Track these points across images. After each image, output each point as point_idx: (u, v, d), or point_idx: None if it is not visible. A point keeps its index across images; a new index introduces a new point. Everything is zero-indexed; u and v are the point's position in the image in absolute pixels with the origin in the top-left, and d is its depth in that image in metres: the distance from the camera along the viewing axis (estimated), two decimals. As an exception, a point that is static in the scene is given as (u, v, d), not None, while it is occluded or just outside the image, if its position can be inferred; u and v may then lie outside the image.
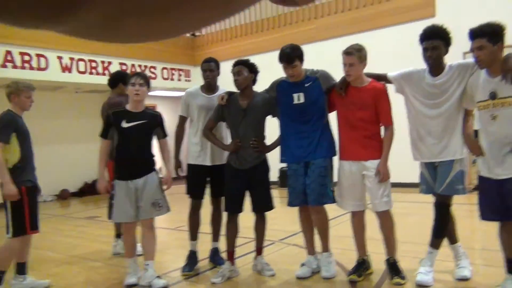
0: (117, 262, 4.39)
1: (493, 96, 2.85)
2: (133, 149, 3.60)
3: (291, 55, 3.42)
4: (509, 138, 2.81)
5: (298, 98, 3.50)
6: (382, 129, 3.44)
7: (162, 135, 3.77)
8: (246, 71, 3.61)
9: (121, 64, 9.44)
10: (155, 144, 3.75)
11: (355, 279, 3.37)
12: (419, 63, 3.25)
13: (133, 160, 3.60)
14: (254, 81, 3.70)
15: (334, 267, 3.63)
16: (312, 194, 3.52)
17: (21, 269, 3.64)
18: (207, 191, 4.03)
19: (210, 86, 4.00)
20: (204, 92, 3.99)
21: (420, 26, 3.26)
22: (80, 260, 4.54)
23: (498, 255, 3.10)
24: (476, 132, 3.14)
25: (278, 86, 3.64)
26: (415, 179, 3.52)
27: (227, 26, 10.67)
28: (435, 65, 3.11)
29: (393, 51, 7.31)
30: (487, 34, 2.76)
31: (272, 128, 3.87)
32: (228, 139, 3.89)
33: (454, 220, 3.38)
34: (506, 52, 2.87)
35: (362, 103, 3.33)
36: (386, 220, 3.41)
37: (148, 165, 3.66)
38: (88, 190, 10.06)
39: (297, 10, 9.40)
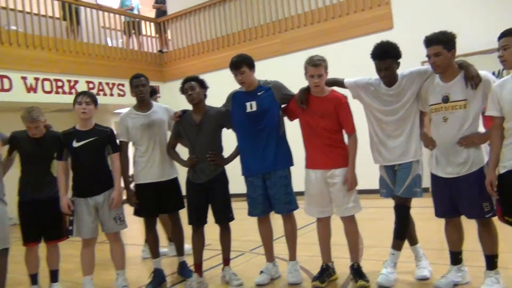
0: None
1: (445, 99, 3.02)
2: (87, 167, 3.65)
3: (238, 61, 3.54)
4: (457, 139, 2.99)
5: (251, 106, 3.60)
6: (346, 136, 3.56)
7: (112, 150, 3.78)
8: (198, 86, 3.71)
9: (87, 82, 9.37)
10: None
11: (318, 285, 3.44)
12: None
13: (88, 177, 3.64)
14: (205, 96, 3.80)
15: (300, 274, 3.70)
16: (278, 204, 3.62)
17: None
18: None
19: (143, 102, 3.95)
20: (139, 111, 3.94)
21: (379, 38, 3.37)
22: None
23: (454, 253, 3.24)
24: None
25: (233, 97, 3.75)
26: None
27: (194, 41, 10.76)
28: (390, 81, 3.27)
29: (354, 63, 7.51)
30: (442, 42, 2.94)
31: (231, 140, 3.92)
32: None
33: (413, 222, 3.52)
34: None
35: (323, 112, 3.44)
36: (351, 225, 3.51)
37: (105, 181, 3.69)
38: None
39: (261, 25, 9.59)
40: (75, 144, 3.63)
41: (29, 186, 3.75)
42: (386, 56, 3.19)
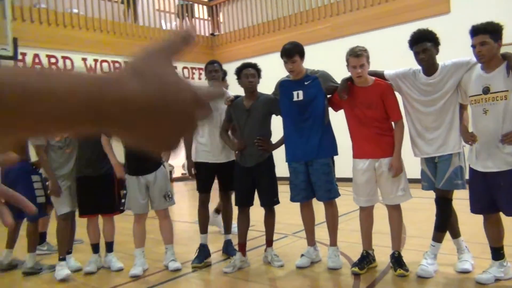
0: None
1: (486, 90, 2.98)
2: None
3: (291, 50, 3.62)
4: (499, 132, 2.94)
5: (297, 95, 3.68)
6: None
7: None
8: (257, 75, 3.84)
9: (143, 64, 9.74)
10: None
11: (357, 272, 3.52)
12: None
13: (141, 157, 3.85)
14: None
15: (340, 260, 3.79)
16: (319, 191, 3.72)
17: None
18: (216, 186, 4.29)
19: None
20: None
21: (434, 23, 3.39)
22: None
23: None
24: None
25: (280, 85, 3.84)
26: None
27: (245, 25, 10.86)
28: (428, 66, 3.25)
29: (407, 49, 7.37)
30: (489, 31, 2.90)
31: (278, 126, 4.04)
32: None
33: (456, 214, 3.50)
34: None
35: (370, 102, 3.47)
36: (395, 213, 3.55)
37: (156, 161, 3.95)
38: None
39: (312, 9, 9.52)
40: None
41: (84, 163, 4.08)
42: (422, 39, 3.20)
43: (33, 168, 4.29)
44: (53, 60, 8.28)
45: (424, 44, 3.20)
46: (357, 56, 3.38)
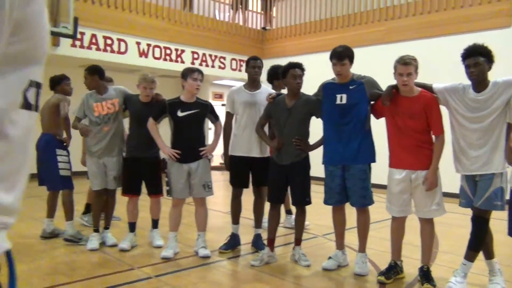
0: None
1: None
2: (187, 135, 4.04)
3: (342, 53, 3.64)
4: None
5: (341, 99, 3.68)
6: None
7: (214, 119, 4.20)
8: (303, 76, 3.88)
9: (193, 52, 9.97)
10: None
11: (383, 281, 3.51)
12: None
13: (187, 145, 4.02)
14: None
15: (368, 267, 3.79)
16: (354, 196, 3.72)
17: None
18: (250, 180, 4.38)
19: (254, 83, 4.32)
20: (247, 89, 4.31)
21: (493, 36, 3.32)
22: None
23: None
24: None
25: (324, 87, 3.85)
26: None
27: (297, 21, 10.85)
28: (478, 81, 3.17)
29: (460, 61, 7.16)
30: None
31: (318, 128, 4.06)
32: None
33: (491, 235, 3.41)
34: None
35: (412, 112, 3.43)
36: (428, 227, 3.50)
37: (200, 151, 4.07)
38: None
39: (367, 11, 9.38)
40: (180, 114, 4.03)
41: (133, 144, 4.30)
42: (476, 53, 3.15)
43: (60, 142, 4.53)
44: (109, 41, 8.60)
45: (477, 58, 3.13)
46: (405, 64, 3.35)
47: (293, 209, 4.35)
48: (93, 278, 3.50)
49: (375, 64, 3.69)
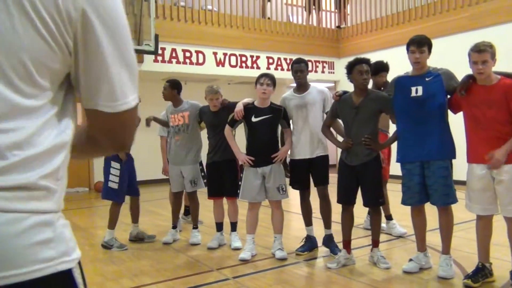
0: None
1: None
2: (261, 140, 4.13)
3: (422, 39, 3.48)
4: None
5: (416, 91, 3.49)
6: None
7: (286, 124, 4.24)
8: (370, 71, 3.76)
9: (268, 57, 10.10)
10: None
11: (469, 284, 3.27)
12: None
13: (261, 149, 4.10)
14: None
15: (453, 269, 3.55)
16: (435, 195, 3.51)
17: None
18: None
19: (301, 86, 4.30)
20: (296, 93, 4.30)
21: None
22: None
23: None
24: None
25: (397, 82, 3.67)
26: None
27: (373, 17, 10.53)
28: None
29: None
30: None
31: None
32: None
33: None
34: None
35: (492, 101, 3.19)
36: None
37: (273, 154, 4.14)
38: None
39: (448, -2, 8.83)
40: (254, 119, 4.15)
41: (211, 150, 4.55)
42: None
43: (117, 156, 4.73)
44: (187, 54, 9.02)
45: None
46: (479, 51, 3.13)
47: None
48: (175, 279, 3.70)
49: (459, 55, 3.44)
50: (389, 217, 4.89)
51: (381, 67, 4.68)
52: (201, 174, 4.85)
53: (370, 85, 3.98)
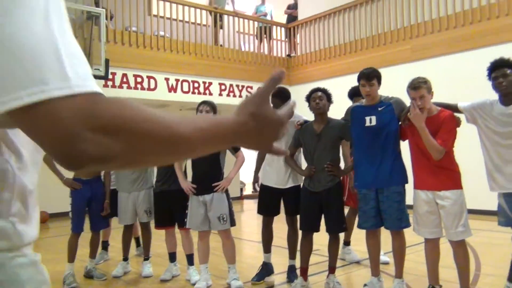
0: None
1: None
2: (202, 168, 4.03)
3: (370, 73, 3.63)
4: None
5: (370, 120, 3.64)
6: (458, 158, 3.42)
7: (233, 151, 4.12)
8: (325, 98, 3.87)
9: (220, 84, 10.16)
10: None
11: (422, 306, 3.37)
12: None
13: (203, 178, 4.05)
14: (328, 109, 3.97)
15: (406, 293, 3.65)
16: (389, 219, 3.63)
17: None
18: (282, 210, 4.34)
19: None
20: None
21: None
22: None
23: None
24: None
25: (352, 110, 3.82)
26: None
27: (321, 46, 10.92)
28: (506, 93, 3.10)
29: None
30: None
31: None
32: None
33: (535, 255, 3.24)
34: None
35: (431, 131, 3.37)
36: (460, 250, 3.37)
37: (214, 182, 4.04)
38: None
39: (391, 31, 9.35)
40: None
41: (160, 179, 4.44)
42: (503, 65, 3.11)
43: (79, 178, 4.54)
44: (139, 79, 8.90)
45: (504, 69, 3.08)
46: (415, 88, 3.32)
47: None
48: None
49: (403, 84, 3.66)
50: (347, 243, 4.96)
51: (357, 92, 4.79)
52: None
53: None
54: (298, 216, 4.19)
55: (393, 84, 4.09)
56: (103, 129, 0.55)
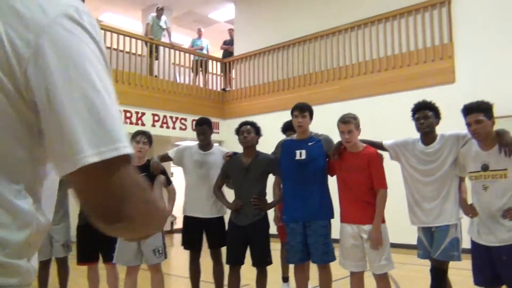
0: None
1: (485, 168, 3.01)
2: None
3: (304, 106, 3.77)
4: (499, 208, 2.94)
5: (300, 154, 3.75)
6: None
7: (166, 183, 4.04)
8: (253, 131, 3.93)
9: (153, 115, 10.00)
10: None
11: None
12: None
13: None
14: (256, 143, 4.02)
15: (333, 326, 3.70)
16: (316, 253, 3.70)
17: None
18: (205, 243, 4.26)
19: (203, 145, 4.33)
20: (200, 149, 4.32)
21: (439, 92, 3.51)
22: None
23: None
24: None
25: (283, 145, 3.92)
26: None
27: (256, 82, 11.18)
28: (427, 134, 3.34)
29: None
30: (483, 110, 2.99)
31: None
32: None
33: (451, 286, 3.44)
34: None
35: (357, 167, 3.54)
36: (383, 283, 3.50)
37: None
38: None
39: (322, 71, 9.82)
40: None
41: (83, 211, 4.12)
42: (425, 107, 3.36)
43: None
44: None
45: (426, 111, 3.33)
46: (344, 122, 3.50)
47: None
48: None
49: (331, 121, 3.87)
50: (285, 279, 4.90)
51: (290, 126, 4.89)
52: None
53: None
54: (222, 249, 4.15)
55: (322, 122, 4.28)
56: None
